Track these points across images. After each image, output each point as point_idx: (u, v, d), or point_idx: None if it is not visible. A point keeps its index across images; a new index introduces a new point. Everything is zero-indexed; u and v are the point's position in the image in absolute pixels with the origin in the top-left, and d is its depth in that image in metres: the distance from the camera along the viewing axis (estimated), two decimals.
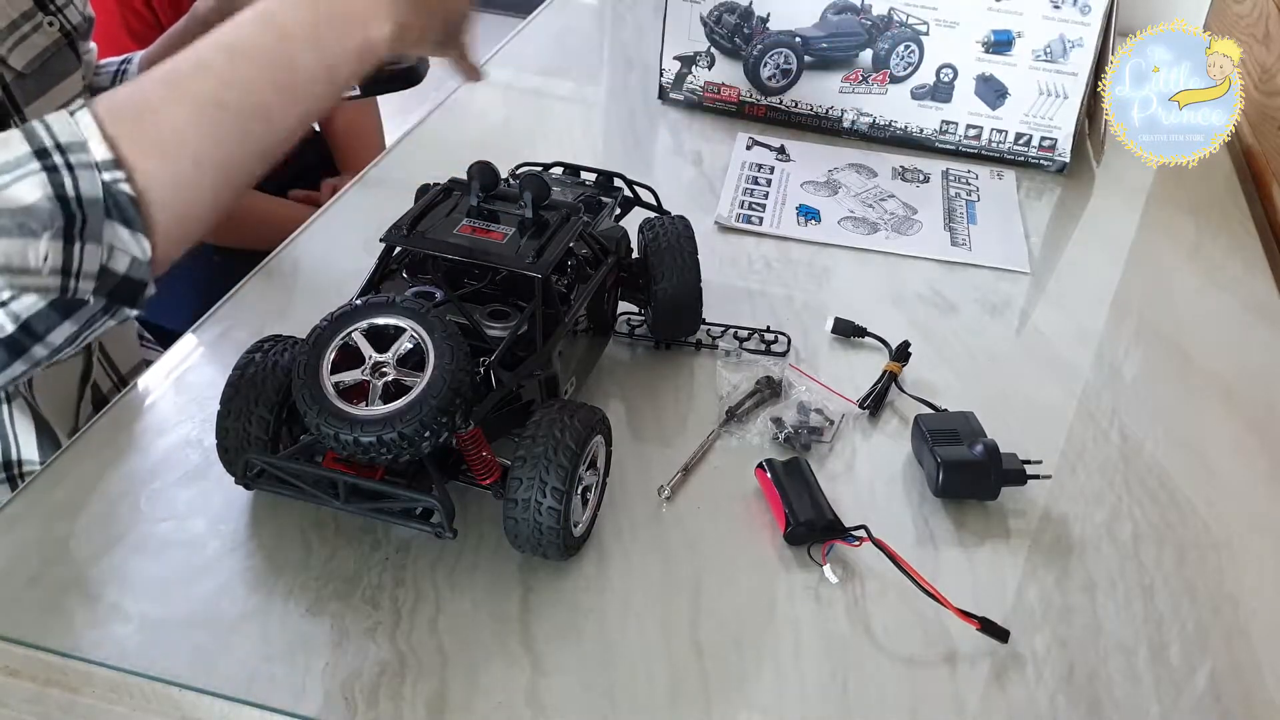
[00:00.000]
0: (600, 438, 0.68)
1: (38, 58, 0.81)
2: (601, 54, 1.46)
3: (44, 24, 0.82)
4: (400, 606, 0.65)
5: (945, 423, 0.79)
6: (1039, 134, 1.19)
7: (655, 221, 0.85)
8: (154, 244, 0.58)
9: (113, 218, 0.56)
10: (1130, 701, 0.64)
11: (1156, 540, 0.75)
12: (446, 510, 0.63)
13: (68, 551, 0.68)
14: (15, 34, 0.79)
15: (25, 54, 0.80)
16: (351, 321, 0.65)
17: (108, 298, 0.58)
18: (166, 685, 0.61)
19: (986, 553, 0.73)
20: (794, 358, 0.88)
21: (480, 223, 0.74)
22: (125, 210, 0.57)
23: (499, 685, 0.61)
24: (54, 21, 0.82)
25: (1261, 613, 0.70)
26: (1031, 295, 1.01)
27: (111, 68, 0.99)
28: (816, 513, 0.71)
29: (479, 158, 0.76)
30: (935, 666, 0.65)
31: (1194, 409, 0.88)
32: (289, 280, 0.95)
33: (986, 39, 1.17)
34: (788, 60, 1.21)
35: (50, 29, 0.82)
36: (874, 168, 1.18)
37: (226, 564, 0.68)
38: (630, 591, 0.68)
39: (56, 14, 0.83)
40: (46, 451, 0.86)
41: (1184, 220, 1.14)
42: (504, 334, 0.69)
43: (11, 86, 0.79)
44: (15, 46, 0.79)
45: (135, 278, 0.59)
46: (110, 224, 0.57)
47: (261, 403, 0.68)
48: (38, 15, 0.81)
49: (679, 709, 0.61)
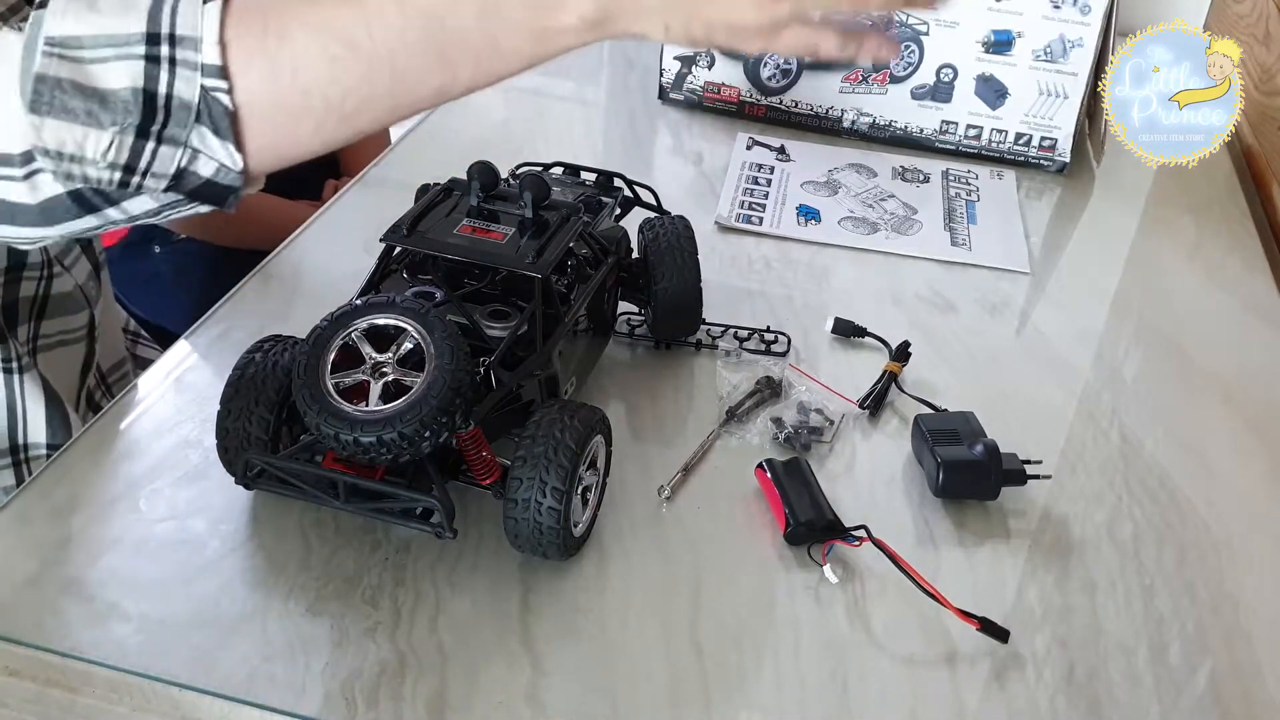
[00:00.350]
0: (600, 438, 0.68)
1: None
2: (601, 54, 1.46)
3: None
4: (400, 606, 0.65)
5: (945, 423, 0.79)
6: (1039, 134, 1.19)
7: (655, 221, 0.85)
8: (246, 159, 0.55)
9: (203, 123, 0.53)
10: (1130, 701, 0.64)
11: (1156, 540, 0.75)
12: (446, 510, 0.63)
13: (67, 551, 0.68)
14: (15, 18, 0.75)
15: None
16: (351, 321, 0.65)
17: (189, 196, 0.55)
18: (166, 685, 0.61)
19: (986, 553, 0.73)
20: (794, 358, 0.88)
21: (480, 223, 0.74)
22: (218, 120, 0.54)
23: (499, 685, 0.61)
24: None
25: (1261, 613, 0.70)
26: (1031, 295, 1.01)
27: None
28: (816, 513, 0.71)
29: (479, 158, 0.76)
30: (935, 666, 0.65)
31: (1194, 409, 0.88)
32: (289, 280, 0.95)
33: (986, 39, 1.17)
34: (788, 60, 1.21)
35: None
36: (874, 168, 1.18)
37: (226, 564, 0.68)
38: (630, 591, 0.68)
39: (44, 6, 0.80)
40: (55, 430, 0.86)
41: (1184, 220, 1.14)
42: (504, 334, 0.69)
43: None
44: None
45: (222, 183, 0.55)
46: (199, 129, 0.53)
47: (261, 403, 0.68)
48: (25, 9, 0.78)
49: (679, 709, 0.61)
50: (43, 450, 0.85)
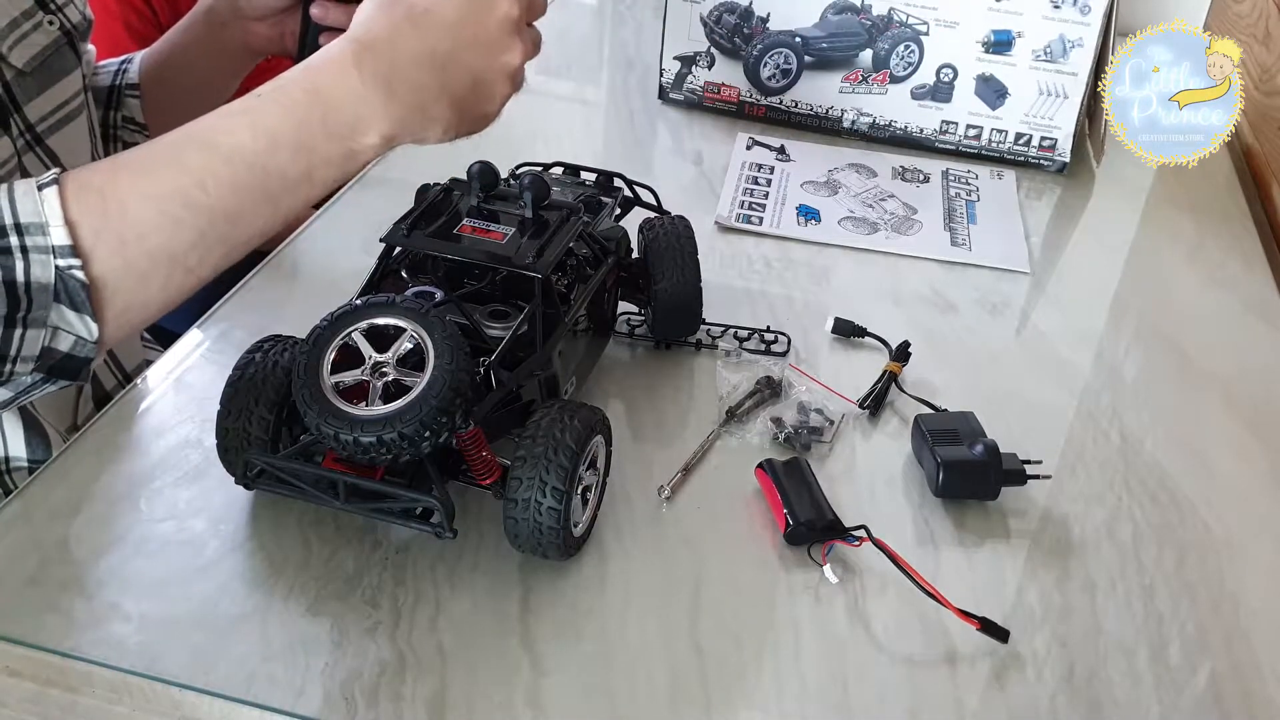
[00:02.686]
0: (600, 438, 0.68)
1: (38, 55, 0.81)
2: (601, 54, 1.46)
3: (44, 22, 0.82)
4: (400, 606, 0.65)
5: (945, 423, 0.79)
6: (1039, 134, 1.19)
7: (655, 221, 0.85)
8: (102, 328, 0.58)
9: (60, 301, 0.56)
10: (1130, 701, 0.64)
11: (1156, 540, 0.75)
12: (446, 510, 0.63)
13: (67, 551, 0.68)
14: (16, 32, 0.79)
15: (25, 52, 0.80)
16: (351, 321, 0.65)
17: (48, 373, 0.58)
18: (166, 685, 0.61)
19: (986, 553, 0.73)
20: (794, 358, 0.88)
21: (480, 223, 0.74)
22: (75, 295, 0.56)
23: (499, 685, 0.61)
24: (54, 20, 0.83)
25: (1261, 613, 0.70)
26: (1031, 295, 1.01)
27: (111, 68, 0.99)
28: (816, 513, 0.71)
29: (479, 158, 0.76)
30: (935, 666, 0.65)
31: (1194, 409, 0.88)
32: (289, 280, 0.95)
33: (986, 39, 1.17)
34: (788, 60, 1.21)
35: (50, 27, 0.82)
36: (874, 168, 1.18)
37: (226, 564, 0.68)
38: (630, 591, 0.68)
39: (56, 12, 0.83)
40: (34, 448, 0.86)
41: (1184, 220, 1.14)
42: (504, 334, 0.69)
43: (12, 84, 0.79)
44: (16, 44, 0.79)
45: (79, 356, 0.58)
46: (58, 307, 0.56)
47: (261, 403, 0.68)
48: (38, 14, 0.81)
49: (679, 709, 0.61)
50: (23, 463, 0.85)
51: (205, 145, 0.59)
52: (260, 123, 0.59)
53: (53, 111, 0.83)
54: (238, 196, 0.59)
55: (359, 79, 0.60)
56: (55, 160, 0.83)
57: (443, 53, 0.63)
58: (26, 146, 0.81)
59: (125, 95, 0.97)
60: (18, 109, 0.80)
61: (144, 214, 0.57)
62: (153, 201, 0.58)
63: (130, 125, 0.97)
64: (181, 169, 0.58)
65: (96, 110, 0.93)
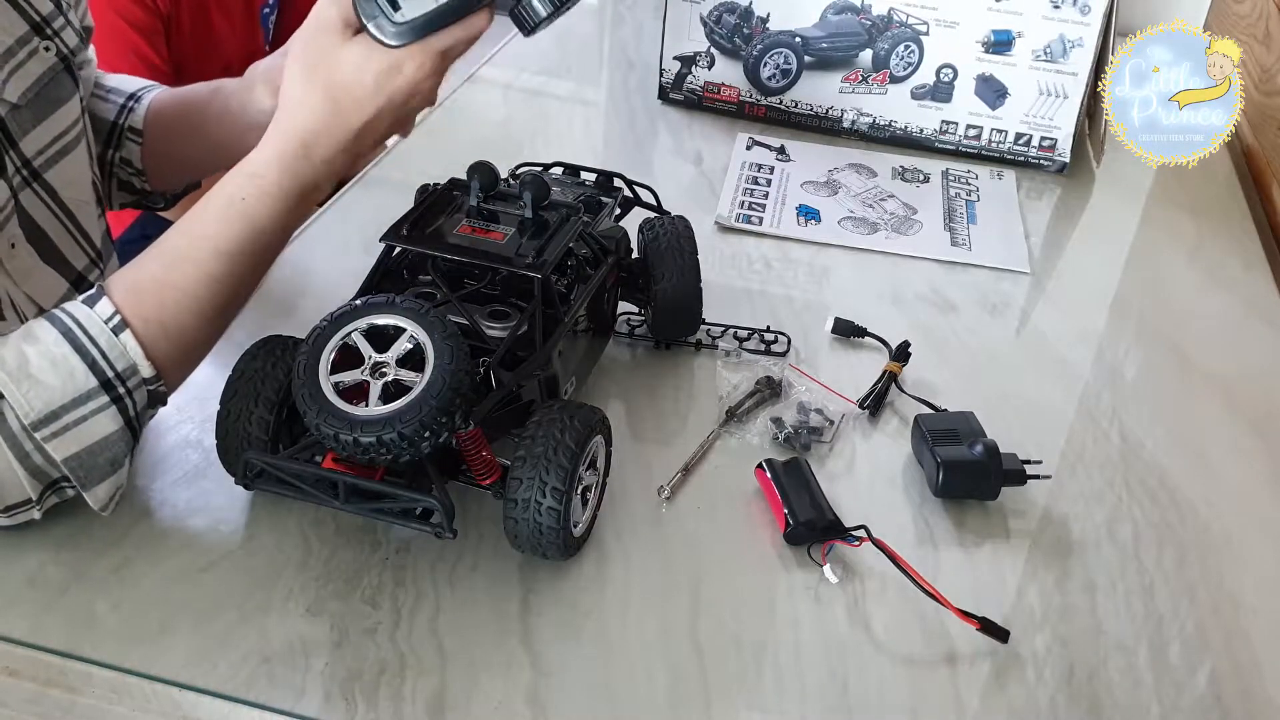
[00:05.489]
0: (600, 438, 0.68)
1: (33, 86, 0.77)
2: (601, 54, 1.46)
3: (40, 49, 0.77)
4: (400, 606, 0.65)
5: (945, 423, 0.79)
6: (1039, 134, 1.19)
7: (655, 221, 0.85)
8: None
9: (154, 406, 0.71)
10: (1130, 701, 0.64)
11: (1156, 540, 0.75)
12: (446, 510, 0.63)
13: (67, 551, 0.68)
14: (11, 61, 0.75)
15: (20, 84, 0.76)
16: (351, 321, 0.65)
17: None
18: (166, 685, 0.61)
19: (986, 553, 0.73)
20: (794, 358, 0.88)
21: (480, 223, 0.74)
22: (159, 399, 0.70)
23: (499, 685, 0.62)
24: (50, 46, 0.78)
25: (1261, 613, 0.70)
26: (1031, 295, 1.01)
27: (119, 100, 0.92)
28: (816, 513, 0.71)
29: (479, 158, 0.76)
30: (935, 666, 0.65)
31: (1194, 409, 0.88)
32: (289, 280, 0.95)
33: (986, 39, 1.17)
34: (788, 60, 1.21)
35: (47, 54, 0.78)
36: (874, 168, 1.18)
37: (226, 564, 0.68)
38: (630, 591, 0.68)
39: (53, 37, 0.79)
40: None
41: (1184, 220, 1.14)
42: (504, 334, 0.69)
43: (6, 119, 0.75)
44: (10, 77, 0.75)
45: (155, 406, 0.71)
46: None
47: (261, 403, 0.68)
48: (34, 40, 0.77)
49: (679, 709, 0.61)
50: None
51: (221, 254, 0.71)
52: (252, 221, 0.71)
53: (50, 143, 0.80)
54: (244, 274, 0.72)
55: (310, 167, 0.72)
56: (54, 195, 0.80)
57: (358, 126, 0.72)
58: (24, 183, 0.78)
59: (126, 138, 0.91)
60: (13, 144, 0.76)
61: (191, 325, 0.70)
62: (198, 317, 0.70)
63: (128, 167, 0.93)
64: (212, 280, 0.70)
65: (96, 144, 0.89)
